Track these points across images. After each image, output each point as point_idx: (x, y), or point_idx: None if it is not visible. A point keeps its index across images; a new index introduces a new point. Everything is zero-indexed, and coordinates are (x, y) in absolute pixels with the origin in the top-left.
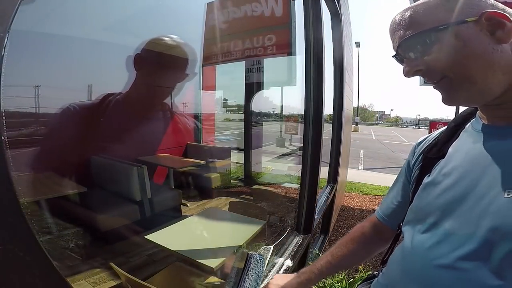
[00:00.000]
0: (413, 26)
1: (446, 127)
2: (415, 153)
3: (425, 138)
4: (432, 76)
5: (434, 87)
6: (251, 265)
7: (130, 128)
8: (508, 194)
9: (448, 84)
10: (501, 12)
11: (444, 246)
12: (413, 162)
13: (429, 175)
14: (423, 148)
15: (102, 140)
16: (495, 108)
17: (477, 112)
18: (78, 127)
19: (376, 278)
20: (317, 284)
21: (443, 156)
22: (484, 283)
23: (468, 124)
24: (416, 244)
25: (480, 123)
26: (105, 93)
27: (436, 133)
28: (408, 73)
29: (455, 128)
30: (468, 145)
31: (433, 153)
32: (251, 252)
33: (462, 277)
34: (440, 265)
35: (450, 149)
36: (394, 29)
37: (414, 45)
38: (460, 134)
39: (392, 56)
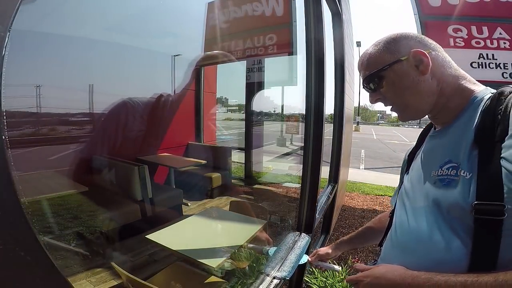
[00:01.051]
0: (369, 67)
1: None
2: (405, 159)
3: (411, 147)
4: (386, 103)
5: (390, 110)
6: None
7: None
8: (432, 174)
9: (396, 109)
10: (422, 50)
11: (408, 218)
12: (403, 166)
13: (407, 173)
14: (409, 153)
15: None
16: (432, 118)
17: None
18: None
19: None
20: (317, 284)
21: (415, 158)
22: (428, 238)
23: (430, 133)
24: (396, 222)
25: (433, 130)
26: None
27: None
28: (372, 101)
29: (423, 135)
30: (424, 147)
31: (410, 156)
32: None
33: (418, 237)
34: (406, 231)
35: (419, 152)
36: (359, 68)
37: (371, 81)
38: (425, 140)
39: (362, 87)
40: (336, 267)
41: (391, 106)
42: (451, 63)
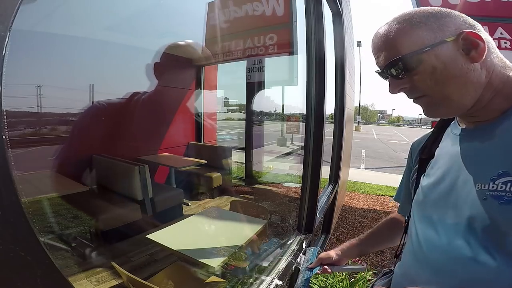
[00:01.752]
0: (396, 47)
1: (432, 130)
2: (412, 154)
3: (418, 140)
4: (413, 93)
5: (414, 102)
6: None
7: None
8: (477, 187)
9: (429, 101)
10: (476, 32)
11: (439, 235)
12: (412, 162)
13: (423, 175)
14: (418, 149)
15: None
16: (467, 116)
17: (456, 117)
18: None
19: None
20: (318, 284)
21: (432, 156)
22: (471, 260)
23: (449, 127)
24: (420, 235)
25: (458, 127)
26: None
27: (425, 135)
28: (393, 90)
29: (439, 131)
30: (449, 147)
31: (425, 154)
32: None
33: (457, 257)
34: (439, 250)
35: (436, 151)
36: (379, 47)
37: (400, 66)
38: (443, 137)
39: (376, 72)
40: (359, 266)
41: (417, 98)
42: (497, 50)
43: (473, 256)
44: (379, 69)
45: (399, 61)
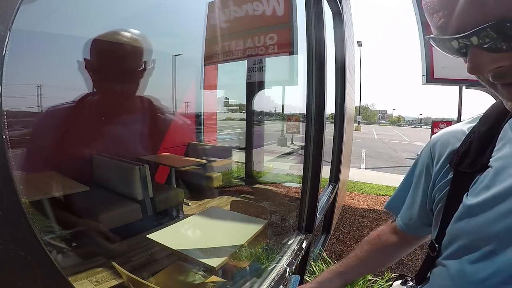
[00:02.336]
0: (497, 8)
1: (474, 132)
2: (435, 157)
3: (443, 139)
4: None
5: (502, 88)
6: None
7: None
8: None
9: None
10: None
11: (504, 277)
12: (435, 169)
13: (467, 194)
14: (448, 155)
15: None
16: None
17: None
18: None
19: None
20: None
21: (480, 170)
22: None
23: (506, 130)
24: (470, 274)
25: None
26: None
27: (455, 132)
28: (482, 69)
29: (488, 133)
30: None
31: (465, 166)
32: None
33: None
34: None
35: (494, 163)
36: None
37: (498, 34)
38: (501, 143)
39: (449, 39)
40: None
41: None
42: None
43: None
44: (458, 35)
45: (498, 26)
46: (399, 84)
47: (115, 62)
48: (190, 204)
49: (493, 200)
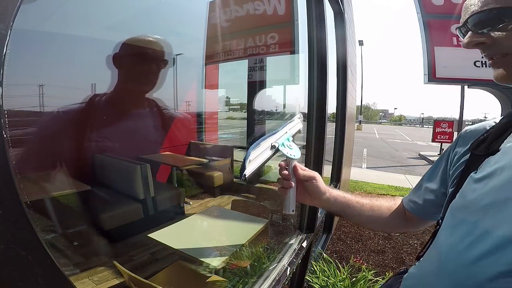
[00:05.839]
0: (492, 1)
1: (496, 122)
2: (459, 145)
3: (472, 129)
4: (494, 51)
5: (491, 63)
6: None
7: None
8: None
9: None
10: None
11: (479, 247)
12: (457, 154)
13: (475, 172)
14: (471, 142)
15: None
16: None
17: None
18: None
19: (410, 269)
20: (319, 284)
21: (492, 153)
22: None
23: None
24: (453, 241)
25: None
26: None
27: (482, 126)
28: (469, 44)
29: (506, 125)
30: None
31: (480, 150)
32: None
33: (494, 279)
34: (472, 265)
35: (502, 147)
36: (470, 1)
37: (487, 19)
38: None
39: (457, 28)
40: (292, 209)
41: (493, 59)
42: None
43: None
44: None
45: (488, 12)
46: (400, 83)
47: (144, 62)
48: (191, 203)
49: (489, 176)
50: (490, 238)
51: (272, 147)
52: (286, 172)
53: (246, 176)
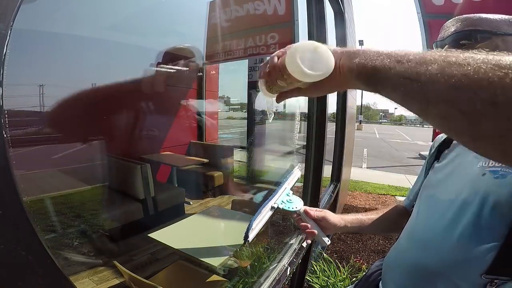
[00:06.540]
0: (475, 24)
1: None
2: (433, 147)
3: (442, 135)
4: None
5: None
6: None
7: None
8: (479, 165)
9: None
10: None
11: (434, 212)
12: (431, 154)
13: (438, 161)
14: (440, 142)
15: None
16: None
17: None
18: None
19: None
20: (319, 283)
21: (453, 148)
22: (457, 237)
23: None
24: (419, 214)
25: None
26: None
27: None
28: None
29: None
30: None
31: (444, 146)
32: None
33: (444, 235)
34: (429, 226)
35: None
36: (451, 23)
37: (467, 37)
38: None
39: (434, 42)
40: (326, 239)
41: None
42: None
43: (459, 234)
44: (448, 35)
45: (470, 32)
46: None
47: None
48: (191, 203)
49: (442, 162)
50: (441, 203)
51: (272, 208)
52: (303, 224)
53: (249, 241)
